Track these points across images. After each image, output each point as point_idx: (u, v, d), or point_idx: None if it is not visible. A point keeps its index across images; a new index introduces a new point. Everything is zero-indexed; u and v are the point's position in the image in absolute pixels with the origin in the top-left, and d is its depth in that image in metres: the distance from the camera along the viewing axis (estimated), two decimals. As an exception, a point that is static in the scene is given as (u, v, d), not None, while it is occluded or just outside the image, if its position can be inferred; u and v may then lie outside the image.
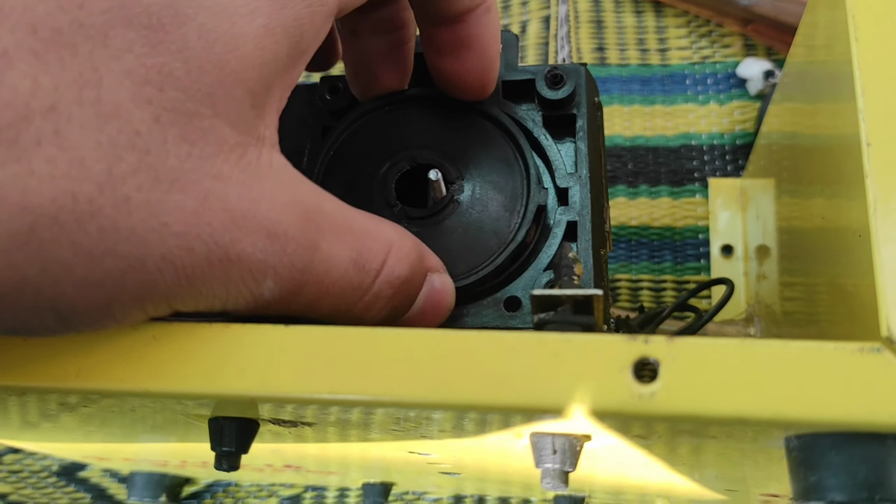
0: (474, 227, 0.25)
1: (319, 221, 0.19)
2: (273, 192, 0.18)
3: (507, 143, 0.26)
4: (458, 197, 0.25)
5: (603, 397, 0.17)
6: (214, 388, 0.18)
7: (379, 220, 0.21)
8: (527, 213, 0.24)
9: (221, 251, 0.17)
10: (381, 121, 0.27)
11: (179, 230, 0.16)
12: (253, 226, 0.17)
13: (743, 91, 0.46)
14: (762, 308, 0.38)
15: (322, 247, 0.19)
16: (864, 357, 0.17)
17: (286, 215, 0.18)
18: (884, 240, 0.17)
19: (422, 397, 0.17)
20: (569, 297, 0.20)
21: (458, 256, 0.24)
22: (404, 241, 0.21)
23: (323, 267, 0.19)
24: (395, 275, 0.20)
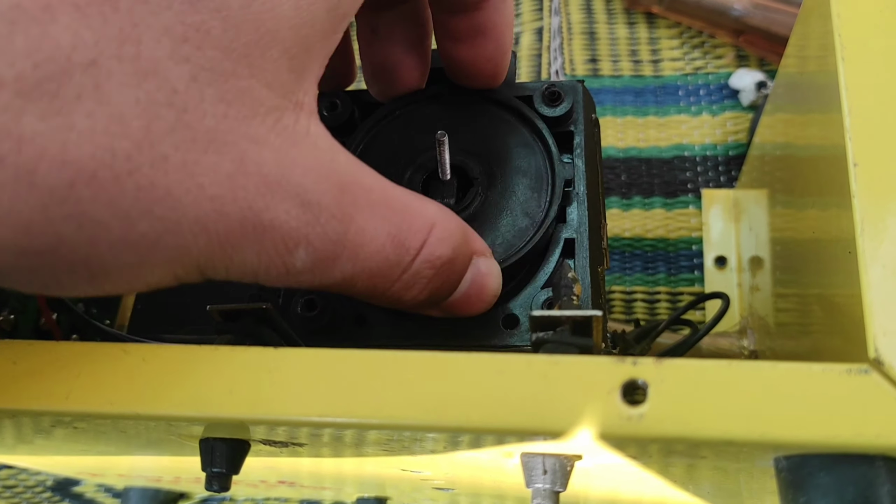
0: (506, 212, 0.25)
1: (356, 193, 0.18)
2: (308, 160, 0.17)
3: (523, 126, 0.26)
4: (483, 190, 0.25)
5: (592, 419, 0.17)
6: (203, 411, 0.18)
7: (422, 198, 0.21)
8: (555, 190, 0.25)
9: (255, 217, 0.17)
10: (398, 124, 0.27)
11: (215, 193, 0.16)
12: (287, 192, 0.17)
13: (735, 102, 0.46)
14: (756, 320, 0.38)
15: (357, 219, 0.18)
16: (851, 379, 0.17)
17: (321, 184, 0.18)
18: (871, 261, 0.17)
19: (411, 419, 0.17)
20: (568, 318, 0.20)
21: (494, 243, 0.25)
22: (448, 221, 0.21)
23: (358, 240, 0.18)
24: (436, 255, 0.20)
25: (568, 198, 0.25)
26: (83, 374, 0.19)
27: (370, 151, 0.27)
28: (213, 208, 0.16)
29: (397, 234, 0.19)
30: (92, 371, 0.19)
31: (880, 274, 0.17)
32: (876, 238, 0.18)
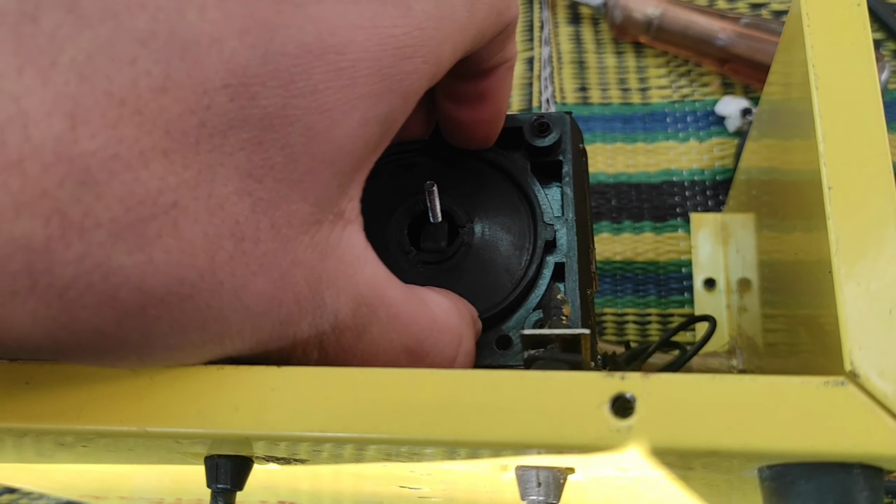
0: (487, 266, 0.26)
1: (375, 307, 0.20)
2: (332, 273, 0.19)
3: (510, 185, 0.27)
4: (468, 240, 0.26)
5: (582, 431, 0.18)
6: (210, 428, 0.19)
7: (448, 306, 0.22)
8: (535, 250, 0.26)
9: (282, 331, 0.18)
10: (390, 170, 0.28)
11: (257, 312, 0.18)
12: (311, 307, 0.19)
13: (722, 128, 0.47)
14: (744, 340, 0.38)
15: (372, 331, 0.20)
16: (829, 390, 0.17)
17: (340, 297, 0.19)
18: (846, 279, 0.18)
19: (408, 434, 0.18)
20: (557, 336, 0.21)
21: (474, 295, 0.25)
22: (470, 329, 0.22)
23: (371, 349, 0.20)
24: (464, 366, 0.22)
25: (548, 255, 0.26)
26: (94, 393, 0.19)
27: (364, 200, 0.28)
28: (253, 324, 0.18)
29: (416, 349, 0.21)
30: (102, 390, 0.19)
31: (854, 291, 0.18)
32: (850, 257, 0.19)
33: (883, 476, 0.18)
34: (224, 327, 0.17)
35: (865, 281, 0.18)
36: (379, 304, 0.20)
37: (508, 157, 0.27)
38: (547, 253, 0.26)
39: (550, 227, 0.26)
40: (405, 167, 0.28)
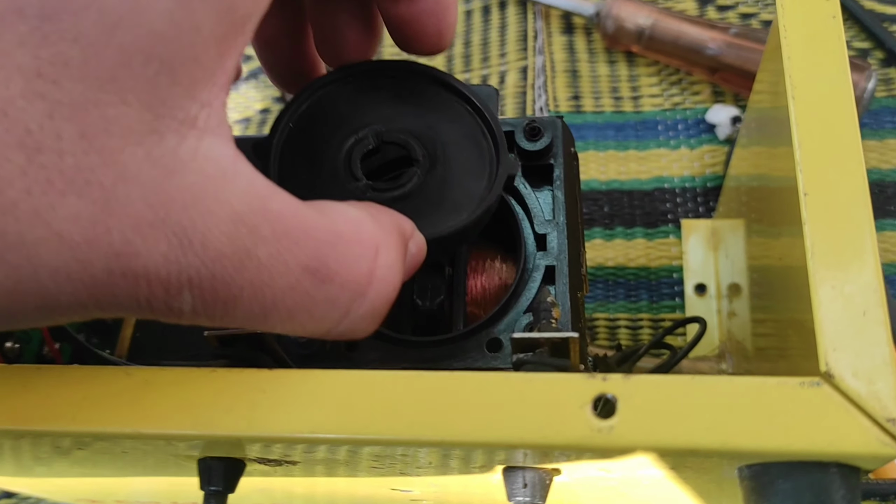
0: (443, 197, 0.25)
1: (256, 224, 0.16)
2: (192, 191, 0.16)
3: (474, 115, 0.26)
4: (422, 171, 0.24)
5: (564, 431, 0.18)
6: (203, 429, 0.19)
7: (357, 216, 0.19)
8: (497, 178, 0.24)
9: (123, 263, 0.15)
10: (345, 92, 0.26)
11: (74, 241, 0.15)
12: (162, 232, 0.15)
13: (712, 136, 0.48)
14: (734, 345, 0.39)
15: (258, 254, 0.16)
16: (804, 391, 0.18)
17: (205, 219, 0.16)
18: (820, 282, 0.19)
19: (396, 434, 0.19)
20: (547, 339, 0.21)
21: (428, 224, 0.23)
22: (390, 237, 0.19)
23: (261, 278, 0.16)
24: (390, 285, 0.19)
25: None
26: (89, 396, 0.20)
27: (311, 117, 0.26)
28: (74, 256, 0.15)
29: (320, 269, 0.17)
30: (97, 393, 0.20)
31: (829, 294, 0.19)
32: (825, 261, 0.19)
33: (859, 475, 0.19)
34: (33, 259, 0.14)
35: (840, 284, 0.19)
36: (262, 220, 0.16)
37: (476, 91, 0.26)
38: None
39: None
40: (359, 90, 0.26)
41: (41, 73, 0.14)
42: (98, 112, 0.15)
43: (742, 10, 0.51)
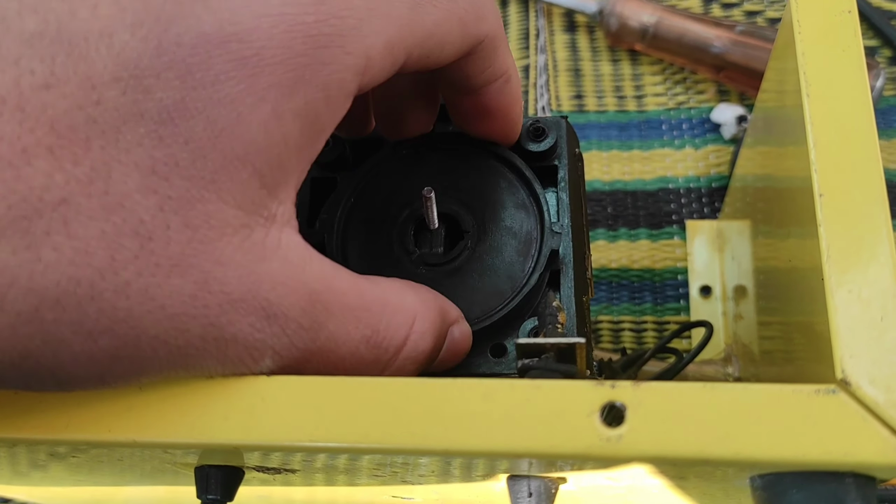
0: (489, 271, 0.26)
1: (327, 301, 0.19)
2: (276, 274, 0.18)
3: (522, 187, 0.27)
4: (472, 243, 0.26)
5: (572, 440, 0.18)
6: (199, 438, 0.19)
7: (401, 289, 0.22)
8: (540, 258, 0.25)
9: (217, 332, 0.18)
10: (400, 165, 0.28)
11: (175, 312, 0.17)
12: (251, 307, 0.18)
13: (717, 136, 0.47)
14: (740, 347, 0.38)
15: (328, 327, 0.19)
16: (820, 399, 0.17)
17: (289, 297, 0.18)
18: (836, 286, 0.18)
19: (398, 443, 0.18)
20: (552, 345, 0.21)
21: (474, 301, 0.25)
22: (428, 311, 0.22)
23: (329, 346, 0.19)
24: (419, 350, 0.21)
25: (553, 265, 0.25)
26: (82, 403, 0.19)
27: (370, 191, 0.27)
28: (173, 326, 0.17)
29: (372, 336, 0.20)
30: (90, 400, 0.19)
31: (846, 298, 0.18)
32: (841, 264, 0.19)
33: (875, 485, 0.18)
34: (138, 330, 0.17)
35: (857, 288, 0.18)
36: (332, 298, 0.19)
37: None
38: (552, 262, 0.25)
39: (558, 236, 0.26)
40: (414, 162, 0.28)
41: (155, 171, 0.16)
42: (201, 207, 0.17)
43: (747, 8, 0.51)
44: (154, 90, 0.16)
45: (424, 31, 0.20)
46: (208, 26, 0.17)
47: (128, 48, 0.16)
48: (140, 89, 0.16)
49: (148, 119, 0.16)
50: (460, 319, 0.23)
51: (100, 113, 0.16)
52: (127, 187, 0.16)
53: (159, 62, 0.16)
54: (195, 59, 0.16)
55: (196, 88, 0.16)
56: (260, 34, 0.17)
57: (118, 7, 0.16)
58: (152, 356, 0.17)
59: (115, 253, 0.16)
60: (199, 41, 0.16)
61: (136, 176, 0.16)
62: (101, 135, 0.16)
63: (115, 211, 0.16)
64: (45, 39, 0.16)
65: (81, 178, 0.16)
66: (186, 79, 0.16)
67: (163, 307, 0.17)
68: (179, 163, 0.16)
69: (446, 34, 0.21)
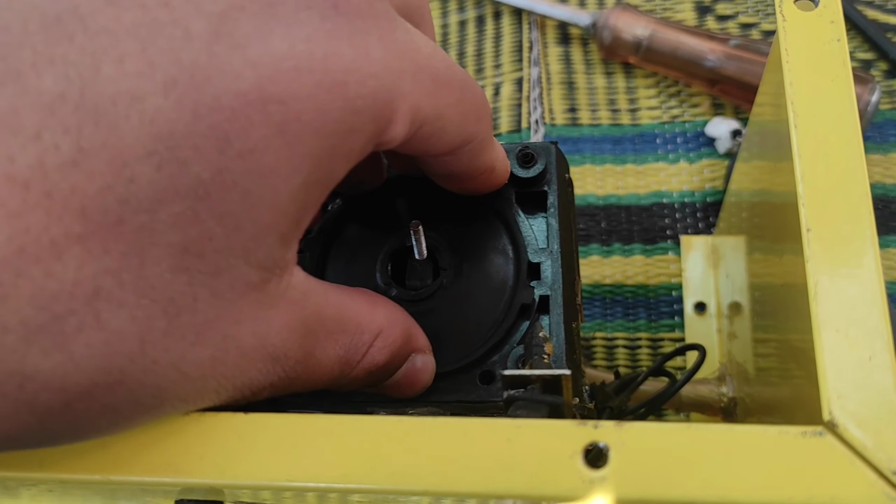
0: (460, 314, 0.25)
1: (317, 331, 0.19)
2: (282, 318, 0.18)
3: (504, 233, 0.27)
4: (447, 283, 0.26)
5: (554, 482, 0.17)
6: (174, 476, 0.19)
7: (374, 304, 0.21)
8: (510, 310, 0.25)
9: (229, 383, 0.18)
10: (386, 198, 0.27)
11: (196, 376, 0.17)
12: (260, 355, 0.18)
13: (712, 150, 0.47)
14: (734, 367, 0.38)
15: (315, 353, 0.19)
16: (806, 441, 0.17)
17: (290, 337, 0.18)
18: (824, 325, 0.18)
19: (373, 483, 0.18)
20: (538, 377, 0.21)
21: (444, 340, 0.25)
22: (393, 329, 0.21)
23: (311, 369, 0.19)
24: (374, 362, 0.21)
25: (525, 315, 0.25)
26: (56, 440, 0.19)
27: (358, 216, 0.27)
28: (194, 387, 0.17)
29: (345, 356, 0.20)
30: (65, 437, 0.19)
31: (833, 338, 0.18)
32: (829, 302, 0.18)
33: (864, 527, 0.18)
34: (161, 399, 0.17)
35: (845, 327, 0.18)
36: (320, 325, 0.19)
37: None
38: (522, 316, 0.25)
39: (531, 290, 0.25)
40: (401, 195, 0.27)
41: (188, 249, 0.15)
42: (228, 275, 0.16)
43: (742, 21, 0.50)
44: (191, 164, 0.15)
45: (438, 109, 0.19)
46: (247, 84, 0.15)
47: (161, 115, 0.14)
48: (176, 163, 0.15)
49: (184, 196, 0.15)
50: (427, 351, 0.23)
51: (133, 193, 0.14)
52: (159, 269, 0.15)
53: (196, 131, 0.15)
54: (234, 125, 0.15)
55: (234, 159, 0.15)
56: (301, 95, 0.16)
57: (146, 62, 0.14)
58: (169, 412, 0.18)
59: (145, 335, 0.15)
60: (237, 103, 0.15)
61: (168, 257, 0.15)
62: (134, 216, 0.14)
63: (146, 294, 0.15)
64: (69, 104, 0.14)
65: (112, 267, 0.14)
66: (225, 149, 0.15)
67: (186, 375, 0.16)
68: (213, 238, 0.16)
69: (450, 121, 0.20)
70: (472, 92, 0.20)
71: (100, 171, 0.14)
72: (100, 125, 0.14)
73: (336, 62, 0.16)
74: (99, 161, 0.14)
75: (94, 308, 0.14)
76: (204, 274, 0.16)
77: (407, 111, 0.18)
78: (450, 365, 0.24)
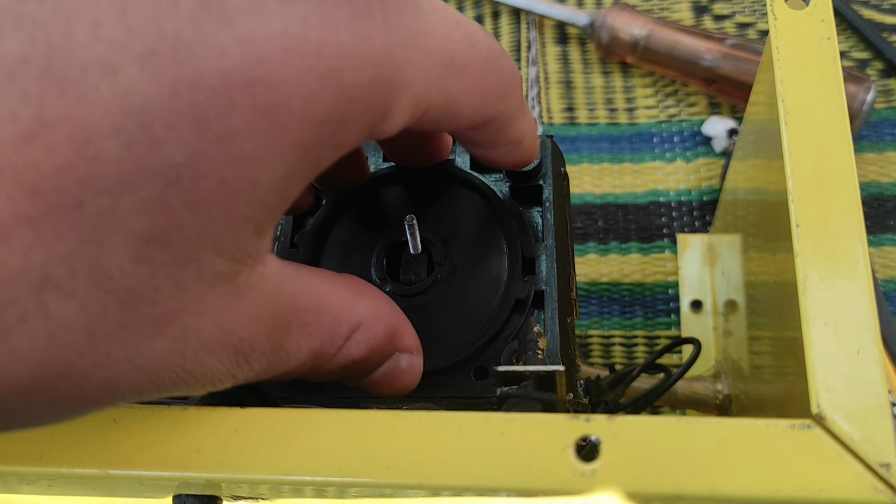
0: (455, 309, 0.25)
1: (289, 322, 0.18)
2: (250, 310, 0.17)
3: (499, 227, 0.27)
4: (441, 277, 0.26)
5: (546, 476, 0.18)
6: (172, 470, 0.19)
7: (357, 294, 0.20)
8: (504, 305, 0.25)
9: (188, 375, 0.16)
10: (382, 192, 0.28)
11: (151, 369, 0.15)
12: (223, 346, 0.17)
13: (708, 148, 0.47)
14: (729, 364, 0.38)
15: (286, 346, 0.18)
16: (795, 434, 0.17)
17: (257, 328, 0.17)
18: (813, 319, 0.18)
19: (370, 477, 0.18)
20: (532, 373, 0.21)
21: (438, 335, 0.25)
22: (375, 323, 0.20)
23: (281, 362, 0.18)
24: (350, 356, 0.20)
25: (519, 310, 0.25)
26: (56, 434, 0.19)
27: (350, 212, 0.27)
28: (148, 380, 0.16)
29: (319, 349, 0.19)
30: (64, 431, 0.19)
31: (822, 332, 0.18)
32: (818, 296, 0.18)
33: (853, 520, 0.18)
34: (111, 392, 0.15)
35: (833, 321, 0.18)
36: (294, 319, 0.18)
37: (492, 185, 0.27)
38: (517, 311, 0.25)
39: (526, 284, 0.25)
40: (396, 189, 0.28)
41: (154, 238, 0.14)
42: (195, 266, 0.15)
43: (739, 20, 0.50)
44: (163, 144, 0.13)
45: (448, 96, 0.18)
46: (233, 62, 0.14)
47: (136, 89, 0.13)
48: (147, 142, 0.13)
49: (153, 179, 0.13)
50: (415, 352, 0.22)
51: (96, 173, 0.13)
52: (118, 258, 0.14)
53: (173, 108, 0.13)
54: (215, 105, 0.14)
55: (212, 143, 0.14)
56: (291, 79, 0.14)
57: (125, 28, 0.13)
58: (122, 403, 0.16)
59: (95, 327, 0.14)
60: (221, 82, 0.14)
61: (130, 246, 0.14)
62: (95, 199, 0.13)
63: (101, 285, 0.14)
64: (32, 70, 0.12)
65: (65, 255, 0.13)
66: (202, 131, 0.14)
67: (139, 367, 0.15)
68: (182, 228, 0.14)
69: (465, 105, 0.19)
70: (496, 70, 0.19)
71: (60, 147, 0.13)
72: (65, 96, 0.13)
73: (332, 47, 0.15)
74: (60, 135, 0.12)
75: (41, 298, 0.13)
76: (169, 265, 0.14)
77: (408, 101, 0.17)
78: (444, 360, 0.24)
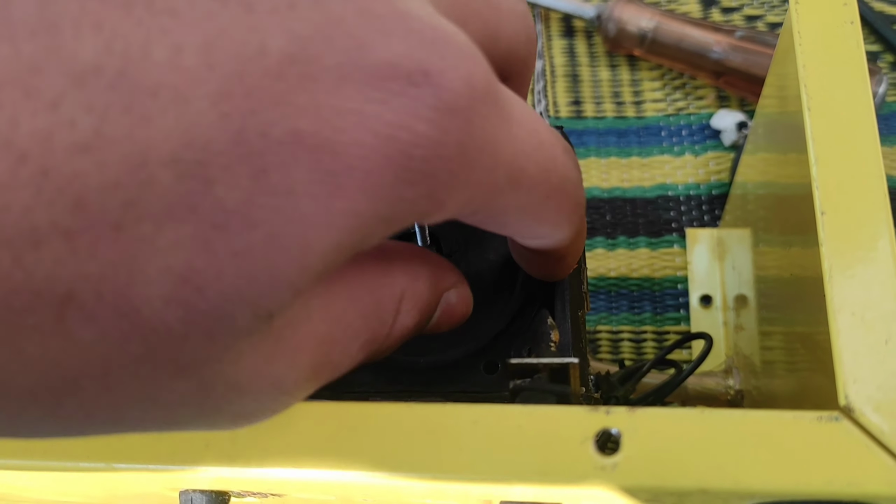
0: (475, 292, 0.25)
1: (333, 334, 0.17)
2: (285, 349, 0.16)
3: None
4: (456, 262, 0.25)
5: (565, 469, 0.17)
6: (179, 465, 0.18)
7: (388, 265, 0.19)
8: (516, 297, 0.25)
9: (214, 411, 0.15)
10: None
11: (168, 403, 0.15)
12: (258, 387, 0.15)
13: (717, 142, 0.47)
14: (741, 359, 0.38)
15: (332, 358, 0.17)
16: (822, 426, 0.17)
17: (297, 362, 0.16)
18: (839, 308, 0.18)
19: (385, 471, 0.18)
20: (545, 365, 0.20)
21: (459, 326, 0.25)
22: (416, 284, 0.19)
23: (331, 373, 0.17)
24: (404, 328, 0.19)
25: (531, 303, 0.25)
26: (60, 428, 0.19)
27: None
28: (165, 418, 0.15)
29: (370, 338, 0.18)
30: (69, 425, 0.19)
31: (849, 321, 0.18)
32: (844, 285, 0.18)
33: (880, 514, 0.17)
34: (117, 421, 0.14)
35: (860, 311, 0.18)
36: (335, 329, 0.17)
37: None
38: (529, 304, 0.25)
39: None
40: None
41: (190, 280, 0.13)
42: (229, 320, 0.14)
43: (747, 13, 0.50)
44: (217, 184, 0.13)
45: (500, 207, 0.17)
46: (307, 124, 0.13)
47: (202, 122, 0.12)
48: (201, 179, 0.12)
49: (200, 218, 0.13)
50: (459, 284, 0.21)
51: (142, 198, 0.12)
52: (149, 293, 0.13)
53: (234, 152, 0.13)
54: (277, 158, 0.13)
55: (267, 195, 0.13)
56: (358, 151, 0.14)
57: (206, 62, 0.12)
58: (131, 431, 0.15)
59: (111, 357, 0.13)
60: (288, 139, 0.13)
61: (164, 283, 0.13)
62: (136, 225, 0.12)
63: (125, 317, 0.13)
64: (102, 80, 0.12)
65: (94, 277, 0.12)
66: (260, 180, 0.13)
67: (155, 400, 0.14)
68: (221, 276, 0.13)
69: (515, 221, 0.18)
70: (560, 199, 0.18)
71: (113, 165, 0.12)
72: (130, 113, 0.12)
73: (408, 134, 0.14)
74: (115, 153, 0.12)
75: (60, 314, 0.12)
76: (201, 313, 0.13)
77: (463, 200, 0.16)
78: (453, 354, 0.24)
